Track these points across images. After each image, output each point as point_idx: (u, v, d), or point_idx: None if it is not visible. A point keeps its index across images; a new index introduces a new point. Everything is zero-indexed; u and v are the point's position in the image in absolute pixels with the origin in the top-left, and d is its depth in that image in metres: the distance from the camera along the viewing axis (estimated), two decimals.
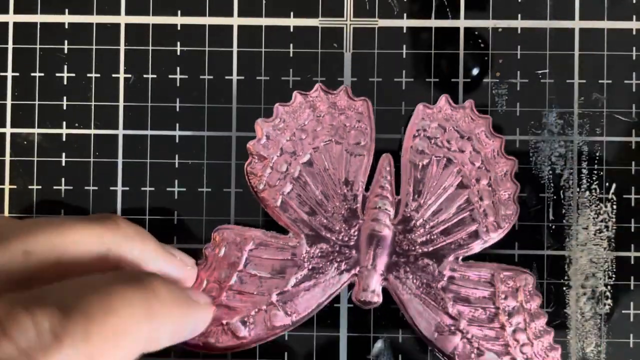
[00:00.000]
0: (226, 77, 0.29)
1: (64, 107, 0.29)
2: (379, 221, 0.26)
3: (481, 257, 0.27)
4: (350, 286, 0.26)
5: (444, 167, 0.26)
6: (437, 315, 0.26)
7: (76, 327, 0.18)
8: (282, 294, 0.26)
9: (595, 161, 0.28)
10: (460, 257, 0.26)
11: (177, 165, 0.28)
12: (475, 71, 0.28)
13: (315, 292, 0.26)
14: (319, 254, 0.26)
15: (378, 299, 0.26)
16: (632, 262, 0.28)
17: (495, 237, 0.26)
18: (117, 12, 0.29)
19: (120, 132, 0.29)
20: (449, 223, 0.26)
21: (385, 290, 0.26)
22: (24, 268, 0.20)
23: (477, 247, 0.26)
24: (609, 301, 0.28)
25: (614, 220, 0.28)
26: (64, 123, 0.29)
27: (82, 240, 0.21)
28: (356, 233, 0.26)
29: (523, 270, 0.26)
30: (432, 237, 0.26)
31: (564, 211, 0.28)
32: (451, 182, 0.26)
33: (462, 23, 0.29)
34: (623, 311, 0.28)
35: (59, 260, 0.20)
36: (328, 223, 0.26)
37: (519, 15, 0.28)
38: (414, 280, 0.26)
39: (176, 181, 0.28)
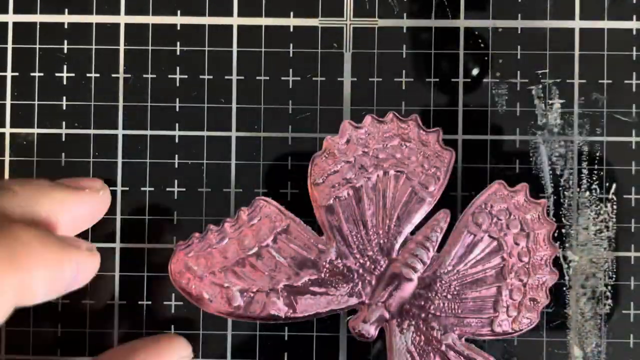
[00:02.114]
0: (226, 77, 0.29)
1: (64, 107, 0.29)
2: (410, 267, 0.26)
3: None
4: (351, 312, 0.26)
5: (492, 249, 0.26)
6: None
7: None
8: (289, 287, 0.26)
9: (595, 161, 0.28)
10: (464, 337, 0.26)
11: (177, 165, 0.28)
12: (475, 71, 0.28)
13: (319, 300, 0.26)
14: (341, 269, 0.26)
15: (373, 334, 0.26)
16: (632, 262, 0.28)
17: (507, 334, 0.26)
18: (116, 12, 0.29)
19: (120, 132, 0.28)
20: (471, 302, 0.26)
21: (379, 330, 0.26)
22: None
23: (485, 336, 0.26)
24: (609, 301, 0.28)
25: (614, 220, 0.28)
26: (64, 123, 0.29)
27: None
28: (384, 267, 0.26)
29: None
30: (450, 306, 0.26)
31: (564, 211, 0.28)
32: (492, 267, 0.26)
33: (462, 23, 0.29)
34: (623, 311, 0.28)
35: None
36: (363, 245, 0.26)
37: (519, 15, 0.28)
38: (414, 336, 0.26)
39: (176, 181, 0.28)
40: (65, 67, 0.29)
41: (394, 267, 0.26)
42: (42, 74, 0.29)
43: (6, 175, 0.28)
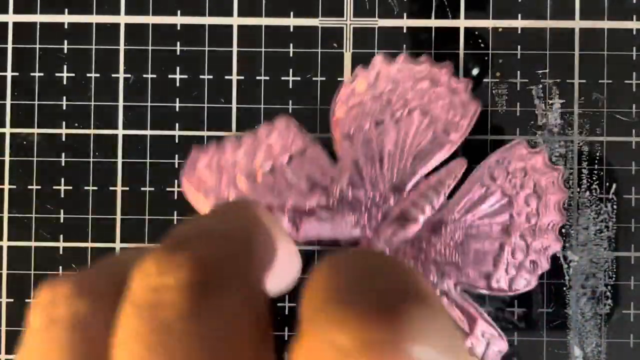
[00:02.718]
0: (226, 77, 0.29)
1: (64, 107, 0.29)
2: (418, 208, 0.26)
3: None
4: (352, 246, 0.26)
5: (502, 205, 0.26)
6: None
7: None
8: (297, 207, 0.26)
9: (595, 161, 0.28)
10: (460, 287, 0.26)
11: (177, 166, 0.28)
12: (475, 71, 0.28)
13: (324, 226, 0.26)
14: (350, 198, 0.26)
15: None
16: (632, 262, 0.28)
17: (502, 291, 0.26)
18: (116, 12, 0.29)
19: (120, 132, 0.28)
20: (472, 253, 0.26)
21: None
22: None
23: (480, 289, 0.26)
24: (609, 301, 0.28)
25: (614, 220, 0.28)
26: (64, 123, 0.29)
27: None
28: (393, 203, 0.26)
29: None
30: (450, 252, 0.26)
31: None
32: (499, 222, 0.26)
33: (462, 23, 0.29)
34: (623, 311, 0.28)
35: None
36: (376, 179, 0.26)
37: (519, 15, 0.28)
38: None
39: (176, 181, 0.28)
40: (65, 67, 0.29)
41: (403, 205, 0.26)
42: (42, 74, 0.29)
43: (6, 175, 0.28)
